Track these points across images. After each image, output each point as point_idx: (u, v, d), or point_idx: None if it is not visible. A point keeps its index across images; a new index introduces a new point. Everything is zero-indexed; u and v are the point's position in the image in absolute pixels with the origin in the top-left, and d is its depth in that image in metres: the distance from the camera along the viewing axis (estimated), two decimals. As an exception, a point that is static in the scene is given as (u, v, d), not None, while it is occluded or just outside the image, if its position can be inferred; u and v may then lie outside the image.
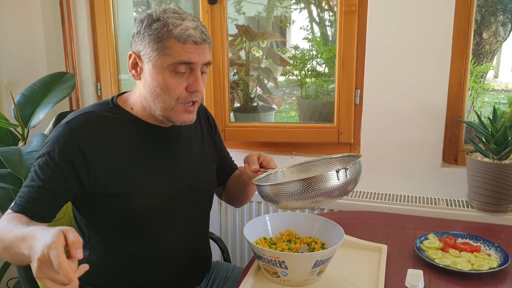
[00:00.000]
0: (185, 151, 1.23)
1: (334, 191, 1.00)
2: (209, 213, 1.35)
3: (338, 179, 0.98)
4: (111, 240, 1.15)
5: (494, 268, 1.13)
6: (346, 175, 0.99)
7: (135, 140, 1.14)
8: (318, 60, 2.24)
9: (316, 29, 2.36)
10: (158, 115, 1.12)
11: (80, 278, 1.18)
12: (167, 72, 1.06)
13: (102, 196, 1.10)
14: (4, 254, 0.95)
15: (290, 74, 2.32)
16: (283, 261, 1.04)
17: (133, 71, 1.12)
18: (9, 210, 1.04)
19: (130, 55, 1.11)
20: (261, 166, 1.21)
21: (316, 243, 1.18)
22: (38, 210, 1.04)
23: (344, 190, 1.01)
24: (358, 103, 1.81)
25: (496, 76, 2.90)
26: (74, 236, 0.77)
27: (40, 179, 1.05)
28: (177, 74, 1.07)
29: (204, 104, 2.01)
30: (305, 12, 2.38)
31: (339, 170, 0.98)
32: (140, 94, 1.13)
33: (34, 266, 0.76)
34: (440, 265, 1.15)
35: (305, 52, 2.24)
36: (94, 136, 1.09)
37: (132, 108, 1.17)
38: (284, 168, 1.23)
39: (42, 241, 0.77)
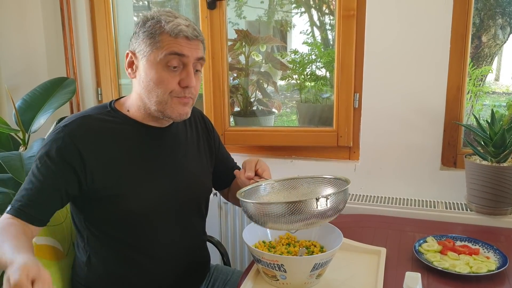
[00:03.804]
0: (180, 153, 1.24)
1: (312, 218, 0.99)
2: (206, 217, 1.35)
3: (317, 207, 0.97)
4: (109, 243, 1.16)
5: (493, 270, 1.13)
6: (327, 204, 0.98)
7: (131, 142, 1.16)
8: (318, 64, 2.25)
9: (317, 33, 2.37)
10: (153, 110, 1.14)
11: (79, 282, 1.21)
12: (160, 66, 1.09)
13: (98, 198, 1.11)
14: None
15: (290, 78, 2.33)
16: (281, 265, 1.04)
17: (129, 70, 1.16)
18: (6, 215, 1.04)
19: (127, 54, 1.15)
20: (256, 173, 1.21)
21: (315, 246, 1.19)
22: (36, 213, 1.05)
23: (323, 216, 1.00)
24: (357, 106, 1.82)
25: (497, 79, 2.90)
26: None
27: (38, 180, 1.06)
28: (169, 68, 1.09)
29: (204, 108, 2.03)
30: (305, 16, 2.39)
31: (319, 198, 0.98)
32: (136, 92, 1.16)
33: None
34: (438, 268, 1.15)
35: (304, 56, 2.25)
36: (91, 139, 1.11)
37: (128, 110, 1.19)
38: (273, 181, 1.21)
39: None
